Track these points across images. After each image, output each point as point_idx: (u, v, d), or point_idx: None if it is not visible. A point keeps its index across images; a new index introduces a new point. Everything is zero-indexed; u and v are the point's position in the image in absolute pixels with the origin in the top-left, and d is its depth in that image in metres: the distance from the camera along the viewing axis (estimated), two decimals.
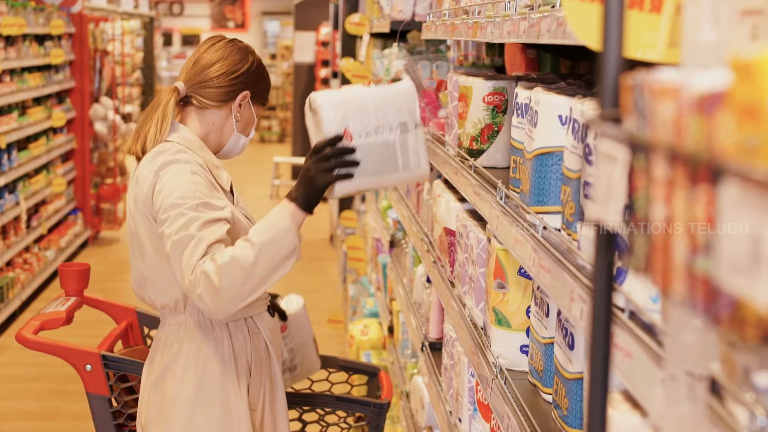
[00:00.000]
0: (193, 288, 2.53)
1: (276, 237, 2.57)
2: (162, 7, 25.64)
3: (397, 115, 2.60)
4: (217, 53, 2.92)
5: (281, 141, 21.19)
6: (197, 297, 2.53)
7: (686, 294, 0.69)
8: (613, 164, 0.78)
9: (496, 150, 2.99)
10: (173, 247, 2.59)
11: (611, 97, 0.86)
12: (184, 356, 2.85)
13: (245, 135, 3.00)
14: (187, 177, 2.71)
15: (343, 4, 9.46)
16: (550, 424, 2.15)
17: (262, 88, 3.00)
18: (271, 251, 2.57)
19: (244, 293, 2.55)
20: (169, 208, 2.64)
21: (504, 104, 2.96)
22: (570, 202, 1.86)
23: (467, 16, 2.87)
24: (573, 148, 1.85)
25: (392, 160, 2.59)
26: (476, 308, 2.84)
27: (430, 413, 3.76)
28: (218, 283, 2.50)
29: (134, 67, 19.17)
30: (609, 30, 0.86)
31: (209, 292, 2.51)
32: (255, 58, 2.99)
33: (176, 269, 2.60)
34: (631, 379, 1.29)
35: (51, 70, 9.80)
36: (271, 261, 2.57)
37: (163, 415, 2.87)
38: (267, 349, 2.96)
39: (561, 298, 1.70)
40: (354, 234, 8.39)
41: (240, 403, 2.84)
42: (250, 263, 2.53)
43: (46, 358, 7.17)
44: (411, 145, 2.61)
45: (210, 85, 2.90)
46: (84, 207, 10.69)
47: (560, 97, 2.02)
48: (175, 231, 2.59)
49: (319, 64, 14.33)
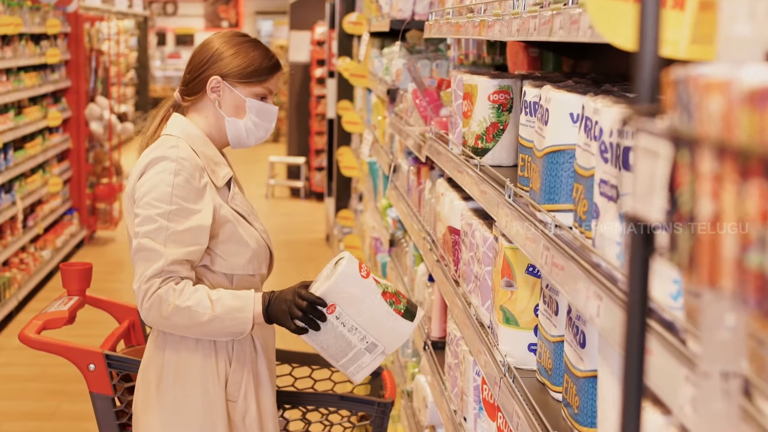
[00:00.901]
0: (142, 296, 2.72)
1: (234, 321, 2.75)
2: (156, 6, 25.60)
3: (376, 338, 2.79)
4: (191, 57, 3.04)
5: (276, 140, 21.17)
6: (140, 305, 2.73)
7: (736, 289, 0.69)
8: (655, 159, 0.78)
9: (502, 148, 2.98)
10: (137, 249, 2.75)
11: (648, 93, 0.86)
12: (170, 344, 2.89)
13: (239, 117, 2.93)
14: (168, 178, 2.76)
15: (339, 4, 9.46)
16: (560, 423, 2.15)
17: (234, 67, 2.91)
18: (223, 325, 2.75)
19: (179, 332, 2.80)
20: (144, 206, 2.75)
21: (509, 103, 2.96)
22: (583, 199, 1.85)
23: (473, 14, 2.86)
24: (585, 145, 1.85)
25: (340, 353, 2.82)
26: (482, 307, 2.83)
27: (434, 412, 3.75)
28: (166, 315, 2.71)
29: (128, 67, 19.16)
30: (645, 26, 0.86)
31: (154, 314, 2.72)
32: (216, 43, 2.96)
33: (135, 269, 2.76)
34: (652, 377, 1.29)
35: (47, 69, 9.78)
36: (217, 331, 2.78)
37: (147, 401, 2.92)
38: (252, 342, 2.96)
39: (576, 296, 1.70)
40: (351, 233, 8.39)
41: (218, 391, 2.88)
42: (201, 322, 2.73)
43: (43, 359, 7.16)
44: (363, 361, 2.84)
45: (184, 82, 2.99)
46: (80, 207, 10.67)
47: (571, 95, 2.02)
48: (142, 234, 2.74)
49: (315, 63, 14.31)
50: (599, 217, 1.68)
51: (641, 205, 0.79)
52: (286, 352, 3.48)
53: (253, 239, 2.89)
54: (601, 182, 1.67)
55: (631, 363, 0.90)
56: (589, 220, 1.81)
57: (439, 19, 3.54)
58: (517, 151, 3.02)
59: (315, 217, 12.77)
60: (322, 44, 14.00)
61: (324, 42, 13.58)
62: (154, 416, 2.91)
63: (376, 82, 6.02)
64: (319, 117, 14.14)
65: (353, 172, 8.45)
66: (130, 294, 3.78)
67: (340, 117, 9.16)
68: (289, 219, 12.34)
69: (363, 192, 7.73)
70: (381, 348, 2.80)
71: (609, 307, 1.51)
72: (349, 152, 8.67)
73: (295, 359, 3.61)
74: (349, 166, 8.45)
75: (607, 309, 1.52)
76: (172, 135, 2.88)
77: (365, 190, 7.19)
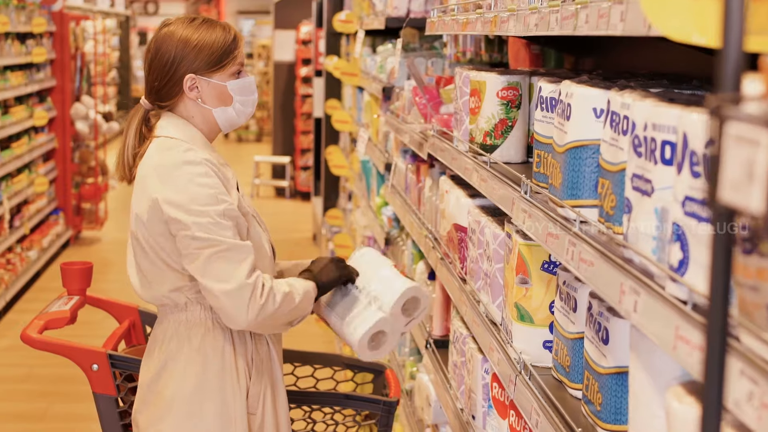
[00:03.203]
0: (250, 293, 2.62)
1: (307, 297, 2.79)
2: (137, 6, 25.49)
3: (378, 292, 2.95)
4: (149, 59, 2.87)
5: (259, 140, 21.13)
6: (250, 302, 2.62)
7: None
8: (754, 148, 0.76)
9: (510, 145, 2.97)
10: (213, 254, 2.63)
11: (732, 82, 0.85)
12: (184, 355, 2.81)
13: (226, 105, 2.86)
14: (203, 181, 2.68)
15: (327, 2, 9.43)
16: (580, 420, 2.13)
17: (203, 59, 2.81)
18: (303, 305, 2.77)
19: (275, 323, 2.73)
20: (197, 215, 2.63)
21: (518, 99, 2.94)
22: (610, 195, 1.84)
23: (482, 10, 2.85)
24: (612, 140, 1.84)
25: (346, 310, 2.96)
26: (493, 304, 2.82)
27: (437, 411, 3.73)
28: (278, 304, 2.66)
29: (110, 67, 19.06)
30: (731, 15, 0.84)
31: (269, 306, 2.65)
32: (171, 43, 2.82)
33: (214, 273, 2.63)
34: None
35: (32, 68, 9.71)
36: (300, 311, 2.77)
37: (158, 413, 2.84)
38: (269, 350, 2.93)
39: (609, 292, 1.68)
40: (341, 232, 8.37)
41: (238, 406, 2.81)
42: (295, 305, 2.73)
43: (31, 360, 7.11)
44: (365, 315, 2.91)
45: (155, 88, 2.84)
46: (65, 207, 10.60)
47: (595, 90, 2.00)
48: (215, 239, 2.62)
49: (300, 62, 14.28)
50: (632, 212, 1.67)
51: (736, 195, 0.78)
52: (288, 352, 3.45)
53: (264, 240, 2.86)
54: (633, 176, 1.66)
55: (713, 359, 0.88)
56: (618, 216, 1.80)
57: (443, 16, 3.52)
58: (525, 148, 3.01)
59: (301, 217, 12.74)
60: (307, 43, 13.97)
61: (310, 41, 13.56)
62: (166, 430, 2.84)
63: (369, 80, 6.00)
64: (305, 116, 14.11)
65: (343, 171, 8.43)
66: (118, 294, 3.75)
67: (329, 116, 9.13)
68: (275, 218, 12.30)
69: (353, 191, 7.71)
70: (380, 303, 2.92)
71: (648, 302, 1.50)
72: (338, 151, 8.65)
73: (296, 359, 3.59)
74: (339, 165, 8.42)
75: (645, 304, 1.51)
76: (175, 138, 2.79)
77: (356, 188, 7.17)
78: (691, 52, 2.68)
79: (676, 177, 1.44)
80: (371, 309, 2.90)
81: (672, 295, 1.45)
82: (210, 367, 2.80)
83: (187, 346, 2.82)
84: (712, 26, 1.01)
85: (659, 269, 1.52)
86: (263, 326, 2.72)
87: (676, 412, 1.38)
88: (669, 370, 1.64)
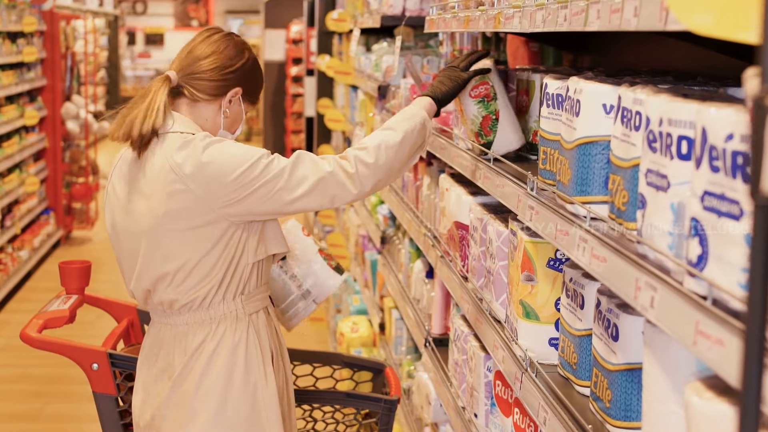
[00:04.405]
0: (341, 170, 2.70)
1: (416, 126, 2.82)
2: (125, 5, 25.42)
3: (310, 286, 3.32)
4: (212, 46, 2.87)
5: (248, 140, 21.09)
6: (348, 177, 2.71)
7: None
8: None
9: (504, 134, 2.95)
10: (282, 179, 2.69)
11: None
12: (208, 353, 2.81)
13: (231, 132, 2.95)
14: (232, 143, 2.76)
15: (319, 1, 9.41)
16: (588, 417, 2.13)
17: (254, 86, 2.97)
18: (411, 138, 2.80)
19: (391, 173, 2.79)
20: (242, 180, 2.67)
21: (491, 91, 2.94)
22: (622, 191, 1.83)
23: (485, 7, 2.84)
24: (624, 136, 1.83)
25: (281, 298, 3.31)
26: (496, 302, 2.81)
27: (437, 409, 3.73)
28: (374, 160, 2.72)
29: (98, 66, 19.00)
30: None
31: (364, 168, 2.72)
32: (250, 55, 2.95)
33: (296, 183, 2.70)
34: (724, 367, 1.27)
35: (23, 68, 9.68)
36: (409, 147, 2.81)
37: (188, 413, 2.81)
38: (280, 338, 3.00)
39: (623, 288, 1.68)
40: (333, 231, 8.35)
41: (268, 395, 2.83)
42: (397, 144, 2.76)
43: (23, 360, 7.09)
44: (299, 306, 3.35)
45: (202, 77, 2.84)
46: (56, 206, 10.57)
47: (605, 86, 2.00)
48: (284, 183, 2.69)
49: (290, 62, 14.26)
50: (646, 208, 1.66)
51: None
52: (288, 350, 3.44)
53: None
54: (648, 172, 1.65)
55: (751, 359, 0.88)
56: (631, 211, 1.79)
57: (444, 14, 3.51)
58: (517, 132, 2.98)
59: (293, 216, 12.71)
60: (297, 43, 13.95)
61: (300, 40, 13.54)
62: (197, 430, 2.82)
63: (363, 78, 5.99)
64: (295, 115, 14.09)
65: None
66: (110, 293, 3.75)
67: (321, 115, 9.11)
68: None
69: None
70: (313, 296, 3.27)
71: (666, 297, 1.49)
72: (330, 150, 8.63)
73: (295, 357, 3.58)
74: None
75: (663, 299, 1.50)
76: (181, 132, 2.76)
77: None
78: (692, 49, 2.69)
79: (695, 172, 1.44)
80: (305, 302, 3.27)
81: (691, 291, 1.44)
82: (238, 361, 2.81)
83: (210, 344, 2.82)
84: (749, 21, 1.00)
85: (677, 264, 1.51)
86: (383, 173, 2.76)
87: (697, 407, 1.38)
88: (685, 365, 1.63)
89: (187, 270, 2.75)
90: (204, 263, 2.74)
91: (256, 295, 2.88)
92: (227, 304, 2.81)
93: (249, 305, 2.85)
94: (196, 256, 2.73)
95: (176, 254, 2.74)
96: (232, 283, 2.79)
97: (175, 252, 2.74)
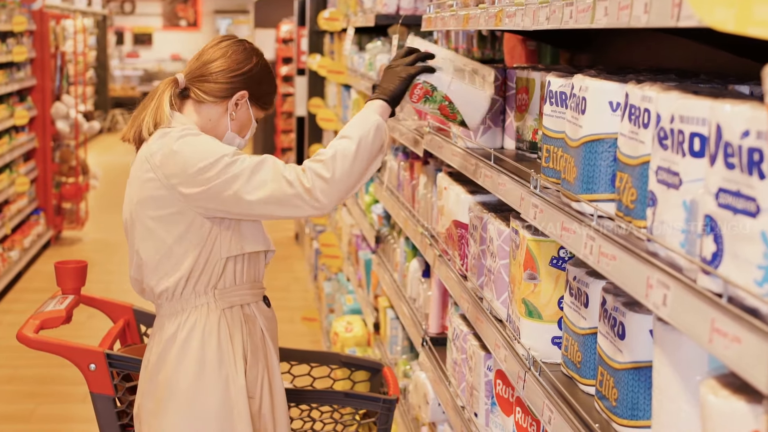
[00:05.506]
0: (298, 183, 2.68)
1: (370, 130, 2.76)
2: (113, 5, 25.34)
3: None
4: (221, 50, 2.96)
5: None
6: (304, 191, 2.67)
7: None
8: None
9: (467, 108, 2.96)
10: (235, 191, 2.70)
11: None
12: (179, 343, 2.88)
13: (241, 136, 3.02)
14: (206, 138, 2.80)
15: (310, 0, 9.39)
16: (593, 415, 2.12)
17: (263, 91, 3.01)
18: (367, 143, 2.75)
19: (351, 183, 2.74)
20: (211, 166, 2.71)
21: (426, 86, 2.95)
22: (630, 188, 1.82)
23: (485, 4, 2.83)
24: (632, 133, 1.82)
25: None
26: (497, 301, 2.80)
27: (435, 409, 3.72)
28: (330, 173, 2.69)
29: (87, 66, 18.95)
30: None
31: (321, 183, 2.68)
32: (259, 61, 3.01)
33: (254, 187, 2.70)
34: (741, 364, 1.26)
35: (13, 67, 9.64)
36: (368, 153, 2.76)
37: (161, 405, 2.88)
38: (263, 337, 3.00)
39: (634, 286, 1.67)
40: (325, 231, 8.34)
41: (238, 389, 2.86)
42: (353, 153, 2.71)
43: (15, 360, 7.05)
44: None
45: (209, 79, 2.93)
46: (46, 207, 10.52)
47: (611, 84, 1.99)
48: (240, 185, 2.70)
49: (280, 61, 14.23)
50: (656, 205, 1.65)
51: None
52: (284, 350, 3.43)
53: None
54: (659, 169, 1.64)
55: None
56: (640, 209, 1.78)
57: (441, 12, 3.50)
58: (477, 96, 2.96)
59: None
60: (287, 42, 13.92)
61: (290, 40, 13.51)
62: (169, 420, 2.87)
63: (357, 78, 5.97)
64: (285, 115, 14.06)
65: None
66: (102, 294, 3.74)
67: (313, 115, 9.09)
68: None
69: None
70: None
71: (679, 295, 1.48)
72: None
73: (293, 357, 3.57)
74: None
75: (676, 297, 1.49)
76: (174, 128, 2.87)
77: None
78: (691, 46, 2.68)
79: (709, 169, 1.43)
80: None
81: (705, 288, 1.44)
82: (208, 355, 2.86)
83: (182, 335, 2.88)
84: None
85: (690, 262, 1.50)
86: (340, 184, 2.72)
87: (713, 405, 1.37)
88: (697, 363, 1.63)
89: (157, 258, 2.84)
90: (174, 252, 2.82)
91: (234, 291, 2.92)
92: (198, 296, 2.88)
93: (222, 300, 2.90)
94: (166, 244, 2.82)
95: (148, 241, 2.84)
96: (203, 275, 2.86)
97: (148, 238, 2.84)
